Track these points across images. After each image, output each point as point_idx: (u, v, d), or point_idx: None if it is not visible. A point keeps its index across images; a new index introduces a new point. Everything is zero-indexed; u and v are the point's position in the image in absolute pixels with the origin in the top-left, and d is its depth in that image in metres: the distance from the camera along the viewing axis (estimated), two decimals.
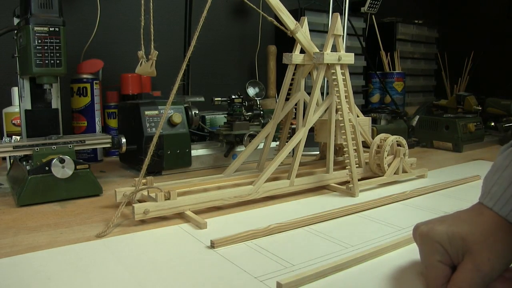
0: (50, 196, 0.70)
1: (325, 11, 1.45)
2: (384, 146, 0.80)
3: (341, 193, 0.76)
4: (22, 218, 0.63)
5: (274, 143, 0.93)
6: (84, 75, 1.04)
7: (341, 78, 0.76)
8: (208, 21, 0.63)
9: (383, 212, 0.65)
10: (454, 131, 1.18)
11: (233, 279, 0.43)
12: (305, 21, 0.78)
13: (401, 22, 1.74)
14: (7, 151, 0.71)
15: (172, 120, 0.89)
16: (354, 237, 0.54)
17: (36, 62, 0.70)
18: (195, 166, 0.95)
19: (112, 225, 0.58)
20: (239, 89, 1.07)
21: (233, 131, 0.95)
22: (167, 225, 0.60)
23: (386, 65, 1.68)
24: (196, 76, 1.33)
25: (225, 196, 0.67)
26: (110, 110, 1.13)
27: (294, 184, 0.74)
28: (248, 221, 0.61)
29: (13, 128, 0.96)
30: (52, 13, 0.71)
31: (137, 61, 0.70)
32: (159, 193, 0.61)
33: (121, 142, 0.82)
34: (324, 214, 0.62)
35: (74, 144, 0.74)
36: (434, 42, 1.91)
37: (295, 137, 0.74)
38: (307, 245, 0.52)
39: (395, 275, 0.44)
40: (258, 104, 1.00)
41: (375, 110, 1.25)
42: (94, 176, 0.74)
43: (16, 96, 0.94)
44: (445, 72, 1.88)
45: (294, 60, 0.80)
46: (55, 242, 0.53)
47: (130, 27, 1.25)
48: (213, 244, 0.51)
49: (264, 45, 1.48)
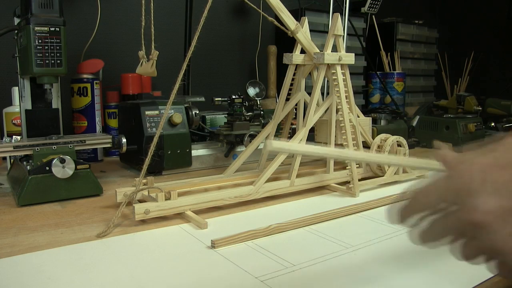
0: (51, 196, 0.70)
1: (326, 11, 1.45)
2: (384, 146, 0.80)
3: (341, 193, 0.76)
4: (23, 218, 0.63)
5: None
6: (85, 75, 1.04)
7: (341, 78, 0.76)
8: (209, 21, 0.63)
9: (384, 212, 0.65)
10: (454, 132, 1.18)
11: (233, 279, 0.43)
12: (305, 21, 0.78)
13: (401, 22, 1.74)
14: (7, 151, 0.71)
15: (172, 120, 0.89)
16: (355, 237, 0.54)
17: (37, 62, 0.70)
18: (195, 166, 0.95)
19: (113, 225, 0.58)
20: (239, 89, 1.07)
21: (233, 131, 0.95)
22: (167, 225, 0.60)
23: (386, 65, 1.68)
24: (197, 76, 1.33)
25: (225, 196, 0.67)
26: (110, 110, 1.13)
27: (294, 184, 0.74)
28: (248, 221, 0.61)
29: (14, 128, 0.96)
30: (52, 13, 0.71)
31: (137, 61, 0.70)
32: (160, 193, 0.61)
33: (121, 142, 0.82)
34: (324, 214, 0.62)
35: (74, 144, 0.74)
36: (434, 42, 1.91)
37: (295, 137, 0.74)
38: (307, 245, 0.52)
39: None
40: (258, 104, 1.00)
41: (375, 110, 1.24)
42: (95, 176, 0.74)
43: (16, 96, 0.94)
44: (445, 72, 1.88)
45: (294, 60, 0.80)
46: (56, 242, 0.53)
47: (131, 27, 1.25)
48: (214, 244, 0.51)
49: (264, 45, 1.48)
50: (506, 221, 0.28)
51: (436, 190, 0.32)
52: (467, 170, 0.30)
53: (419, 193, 0.33)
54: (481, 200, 0.28)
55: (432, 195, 0.32)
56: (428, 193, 0.32)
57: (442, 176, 0.32)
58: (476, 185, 0.29)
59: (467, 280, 0.42)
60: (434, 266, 0.46)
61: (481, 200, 0.28)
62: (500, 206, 0.28)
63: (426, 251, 0.50)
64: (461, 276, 0.44)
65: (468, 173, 0.30)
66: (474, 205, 0.29)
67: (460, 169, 0.31)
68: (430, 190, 0.32)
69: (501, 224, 0.28)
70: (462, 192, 0.30)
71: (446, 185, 0.31)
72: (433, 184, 0.32)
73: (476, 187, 0.29)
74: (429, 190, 0.32)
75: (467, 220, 0.29)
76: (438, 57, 1.91)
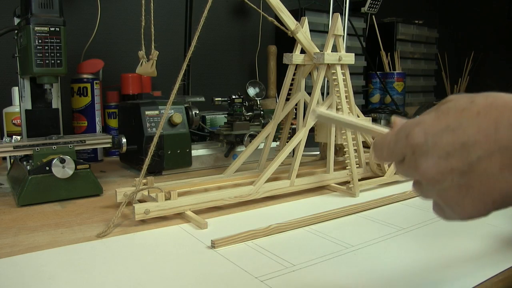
0: (51, 196, 0.70)
1: (326, 11, 1.45)
2: None
3: (341, 193, 0.76)
4: (23, 218, 0.63)
5: (274, 143, 0.93)
6: (85, 75, 1.04)
7: (341, 78, 0.76)
8: (209, 21, 0.63)
9: (384, 212, 0.65)
10: None
11: (233, 279, 0.43)
12: (305, 21, 0.78)
13: (401, 22, 1.74)
14: (7, 151, 0.71)
15: (172, 120, 0.89)
16: (355, 237, 0.54)
17: (37, 62, 0.70)
18: (195, 166, 0.95)
19: (113, 225, 0.58)
20: (239, 89, 1.07)
21: (233, 131, 0.95)
22: (167, 225, 0.60)
23: (386, 65, 1.68)
24: (196, 76, 1.33)
25: (225, 196, 0.67)
26: (110, 110, 1.13)
27: (294, 184, 0.74)
28: (248, 221, 0.61)
29: (14, 128, 0.96)
30: (52, 13, 0.71)
31: (137, 61, 0.70)
32: (160, 193, 0.61)
33: (121, 142, 0.82)
34: (324, 214, 0.62)
35: (74, 144, 0.74)
36: (434, 42, 1.91)
37: (295, 137, 0.74)
38: (307, 245, 0.52)
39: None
40: (258, 104, 1.00)
41: (375, 110, 1.25)
42: (95, 176, 0.74)
43: (16, 96, 0.94)
44: (445, 72, 1.88)
45: (294, 60, 0.80)
46: (56, 242, 0.53)
47: (131, 27, 1.25)
48: (214, 244, 0.51)
49: (264, 45, 1.48)
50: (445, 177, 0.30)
51: (386, 146, 0.34)
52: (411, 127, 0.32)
53: (375, 148, 0.36)
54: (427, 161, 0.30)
55: (384, 149, 0.34)
56: (380, 148, 0.35)
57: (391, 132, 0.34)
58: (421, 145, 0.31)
59: (467, 280, 0.42)
60: (435, 266, 0.46)
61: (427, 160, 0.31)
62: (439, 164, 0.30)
63: (426, 251, 0.50)
64: (461, 276, 0.44)
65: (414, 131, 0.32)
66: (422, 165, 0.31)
67: (405, 127, 0.33)
68: (382, 145, 0.35)
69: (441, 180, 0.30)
70: (409, 150, 0.32)
71: (395, 140, 0.33)
72: (384, 139, 0.35)
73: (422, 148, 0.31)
74: (381, 146, 0.35)
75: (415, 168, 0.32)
76: (438, 57, 1.91)
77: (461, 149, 0.29)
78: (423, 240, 0.53)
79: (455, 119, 0.29)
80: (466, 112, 0.29)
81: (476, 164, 0.28)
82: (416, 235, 0.55)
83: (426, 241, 0.53)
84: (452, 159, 0.29)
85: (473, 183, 0.29)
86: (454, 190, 0.30)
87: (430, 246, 0.51)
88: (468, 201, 0.29)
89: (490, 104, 0.29)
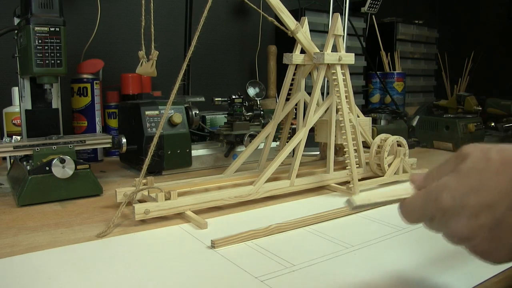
0: (51, 196, 0.70)
1: (326, 11, 1.45)
2: (384, 146, 0.80)
3: (341, 193, 0.76)
4: (23, 218, 0.63)
5: (274, 143, 0.93)
6: (85, 75, 1.04)
7: (341, 78, 0.76)
8: (209, 21, 0.63)
9: (384, 212, 0.65)
10: (454, 131, 1.18)
11: (233, 279, 0.43)
12: (305, 21, 0.78)
13: (401, 22, 1.74)
14: (7, 151, 0.71)
15: (172, 120, 0.89)
16: (355, 237, 0.54)
17: (37, 62, 0.70)
18: (195, 166, 0.95)
19: (113, 225, 0.58)
20: (239, 89, 1.07)
21: (233, 131, 0.95)
22: (167, 225, 0.60)
23: (386, 65, 1.68)
24: (196, 76, 1.33)
25: (225, 196, 0.67)
26: (110, 110, 1.13)
27: (294, 184, 0.74)
28: (248, 221, 0.61)
29: (14, 128, 0.96)
30: (52, 13, 0.71)
31: (137, 61, 0.70)
32: (160, 193, 0.61)
33: (121, 142, 0.82)
34: (324, 214, 0.62)
35: (74, 144, 0.74)
36: (434, 42, 1.91)
37: (295, 137, 0.74)
38: (307, 245, 0.52)
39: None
40: (258, 104, 1.00)
41: (375, 110, 1.25)
42: (95, 176, 0.74)
43: (16, 96, 0.94)
44: (445, 72, 1.88)
45: (294, 60, 0.80)
46: (56, 242, 0.53)
47: (131, 27, 1.25)
48: (214, 244, 0.51)
49: (264, 45, 1.48)
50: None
51: (416, 209, 0.37)
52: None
53: (404, 212, 0.38)
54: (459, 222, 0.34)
55: (414, 214, 0.37)
56: (410, 213, 0.37)
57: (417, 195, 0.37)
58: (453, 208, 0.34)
59: (467, 280, 0.42)
60: (434, 266, 0.46)
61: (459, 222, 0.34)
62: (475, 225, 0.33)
63: (426, 251, 0.50)
64: (461, 276, 0.44)
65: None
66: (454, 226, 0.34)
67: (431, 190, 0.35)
68: (411, 209, 0.37)
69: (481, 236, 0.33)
70: (439, 213, 0.34)
71: (425, 205, 0.36)
72: (413, 203, 0.37)
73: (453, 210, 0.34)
74: (410, 210, 0.37)
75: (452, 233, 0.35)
76: (438, 57, 1.91)
77: (487, 208, 0.32)
78: (423, 240, 0.53)
79: (477, 181, 0.33)
80: (485, 173, 0.33)
81: (502, 219, 0.32)
82: (415, 235, 0.55)
83: (425, 241, 0.53)
84: (480, 217, 0.32)
85: (502, 234, 0.32)
86: (485, 243, 0.33)
87: (429, 246, 0.51)
88: (501, 251, 0.33)
89: (506, 161, 0.32)
